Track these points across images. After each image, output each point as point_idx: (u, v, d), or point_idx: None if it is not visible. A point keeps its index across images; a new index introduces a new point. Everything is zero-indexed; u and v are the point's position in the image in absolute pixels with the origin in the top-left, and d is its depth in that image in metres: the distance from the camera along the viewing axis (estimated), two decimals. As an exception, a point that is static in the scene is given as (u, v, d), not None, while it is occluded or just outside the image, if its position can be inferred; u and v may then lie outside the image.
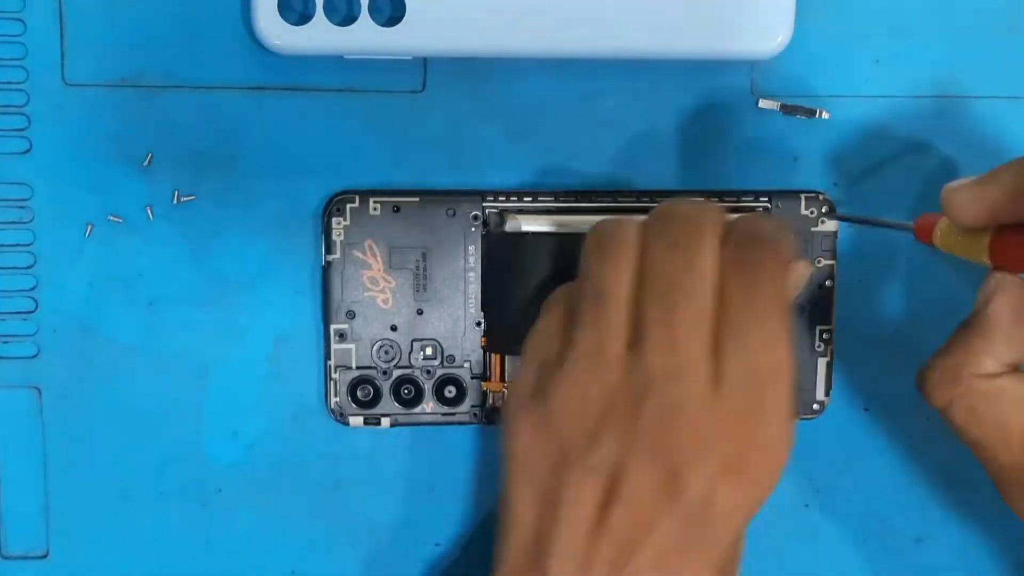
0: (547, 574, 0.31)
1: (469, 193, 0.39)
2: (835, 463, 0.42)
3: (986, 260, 0.33)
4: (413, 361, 0.39)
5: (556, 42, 0.37)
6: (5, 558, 0.40)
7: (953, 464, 0.42)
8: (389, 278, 0.39)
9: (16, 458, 0.39)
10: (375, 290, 0.39)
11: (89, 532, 0.40)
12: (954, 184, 0.33)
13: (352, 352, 0.39)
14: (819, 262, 0.40)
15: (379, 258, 0.39)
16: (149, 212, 0.39)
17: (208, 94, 0.38)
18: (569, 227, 0.38)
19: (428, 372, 0.39)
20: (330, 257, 0.38)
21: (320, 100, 0.39)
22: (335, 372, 0.39)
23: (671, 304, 0.31)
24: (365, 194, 0.38)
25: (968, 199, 0.33)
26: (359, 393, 0.39)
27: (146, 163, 0.38)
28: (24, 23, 0.38)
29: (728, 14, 0.37)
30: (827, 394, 0.40)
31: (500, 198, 0.39)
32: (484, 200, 0.39)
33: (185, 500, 0.40)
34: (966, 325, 0.35)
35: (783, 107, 0.40)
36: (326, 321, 0.39)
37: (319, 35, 0.36)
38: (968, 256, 0.34)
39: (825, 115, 0.40)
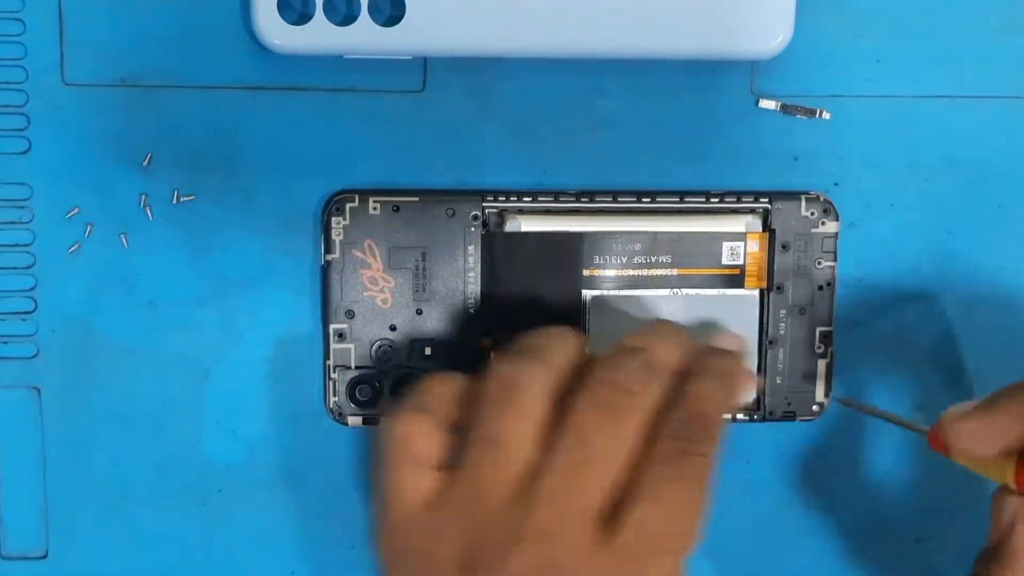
0: None
1: (469, 193, 0.39)
2: (835, 463, 0.42)
3: (1012, 484, 0.33)
4: (412, 361, 0.39)
5: (556, 42, 0.37)
6: (5, 558, 0.40)
7: (953, 465, 0.41)
8: (388, 278, 0.39)
9: (16, 458, 0.39)
10: (374, 290, 0.39)
11: (89, 532, 0.40)
12: (956, 413, 0.33)
13: (351, 352, 0.39)
14: (819, 263, 0.40)
15: (378, 258, 0.39)
16: (149, 212, 0.39)
17: (208, 94, 0.38)
18: (569, 227, 0.39)
19: (427, 372, 0.39)
20: (329, 257, 0.38)
21: (320, 100, 0.39)
22: (334, 372, 0.39)
23: (582, 464, 0.31)
24: (365, 194, 0.38)
25: (976, 431, 0.33)
26: (358, 393, 0.39)
27: (146, 163, 0.38)
28: (24, 23, 0.38)
29: (728, 14, 0.37)
30: (827, 394, 0.40)
31: (500, 198, 0.39)
32: (484, 200, 0.39)
33: (185, 500, 0.40)
34: (992, 557, 0.34)
35: (783, 107, 0.40)
36: (325, 321, 0.39)
37: (319, 35, 0.36)
38: (989, 475, 0.34)
39: (825, 115, 0.40)
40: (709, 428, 0.32)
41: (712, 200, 0.39)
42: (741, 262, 0.39)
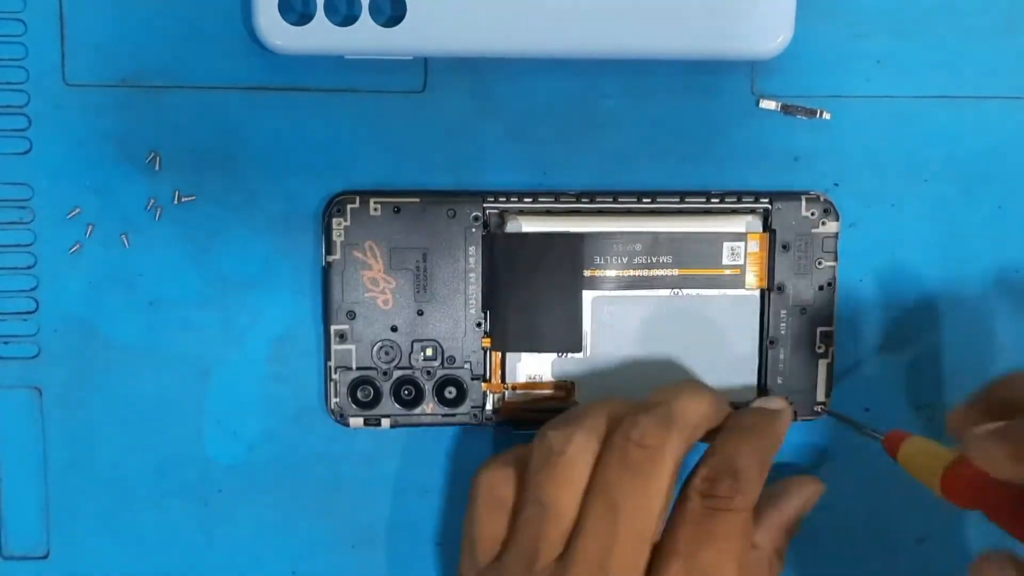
0: None
1: (469, 194, 0.39)
2: (835, 463, 0.42)
3: (937, 490, 0.35)
4: (413, 362, 0.39)
5: (556, 42, 0.37)
6: (5, 558, 0.40)
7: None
8: (389, 279, 0.39)
9: (16, 458, 0.39)
10: (375, 291, 0.39)
11: (89, 532, 0.40)
12: (980, 432, 0.31)
13: (352, 353, 0.39)
14: (820, 263, 0.40)
15: (379, 259, 0.39)
16: (157, 214, 0.39)
17: (208, 94, 0.38)
18: (570, 227, 0.39)
19: (428, 373, 0.39)
20: (330, 258, 0.38)
21: (320, 100, 0.39)
22: (335, 373, 0.39)
23: (613, 524, 0.33)
24: (365, 194, 0.38)
25: (1004, 454, 0.30)
26: (359, 394, 0.39)
27: (156, 165, 0.38)
28: (24, 23, 0.38)
29: (728, 14, 0.37)
30: (827, 394, 0.40)
31: (500, 199, 0.39)
32: (484, 201, 0.39)
33: (185, 500, 0.40)
34: None
35: (783, 107, 0.40)
36: (326, 322, 0.39)
37: (319, 35, 0.36)
38: (921, 479, 0.35)
39: (825, 115, 0.40)
40: (739, 483, 0.34)
41: (712, 200, 0.39)
42: (742, 262, 0.39)
